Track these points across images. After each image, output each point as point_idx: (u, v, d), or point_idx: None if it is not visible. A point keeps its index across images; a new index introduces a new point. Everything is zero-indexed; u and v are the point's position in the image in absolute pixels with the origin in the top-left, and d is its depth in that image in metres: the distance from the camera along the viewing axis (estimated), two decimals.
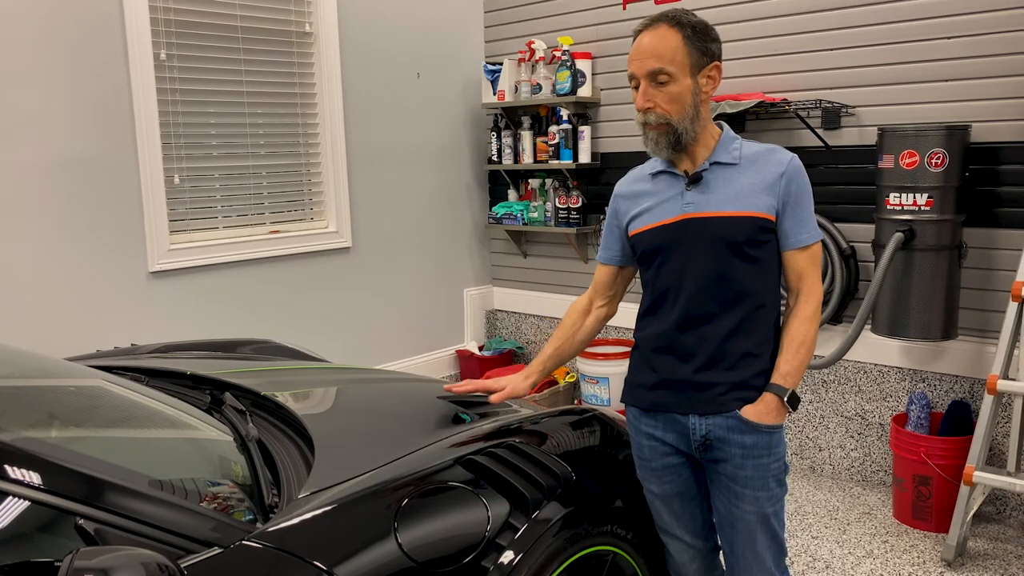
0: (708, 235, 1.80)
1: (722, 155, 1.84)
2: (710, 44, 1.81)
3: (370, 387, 2.44)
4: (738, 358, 1.82)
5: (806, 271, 1.84)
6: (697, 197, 1.82)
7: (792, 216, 1.82)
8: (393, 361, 4.66)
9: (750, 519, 1.84)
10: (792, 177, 1.81)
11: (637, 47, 1.81)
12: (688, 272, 1.83)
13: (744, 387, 1.83)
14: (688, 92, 1.78)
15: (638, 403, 1.95)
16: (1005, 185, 3.27)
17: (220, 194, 3.93)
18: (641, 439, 1.95)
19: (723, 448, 1.84)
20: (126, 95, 3.51)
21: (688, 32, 1.78)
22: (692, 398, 1.84)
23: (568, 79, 4.37)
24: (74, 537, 1.26)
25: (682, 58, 1.77)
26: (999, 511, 3.38)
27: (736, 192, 1.81)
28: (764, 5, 3.83)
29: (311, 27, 4.17)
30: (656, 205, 1.87)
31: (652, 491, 1.97)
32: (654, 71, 1.77)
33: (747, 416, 1.81)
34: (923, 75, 3.42)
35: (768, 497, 1.84)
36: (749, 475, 1.83)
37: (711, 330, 1.82)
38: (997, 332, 3.15)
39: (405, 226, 4.70)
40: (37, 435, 1.50)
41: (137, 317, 3.60)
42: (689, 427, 1.86)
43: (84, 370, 2.02)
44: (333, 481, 1.62)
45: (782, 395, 1.81)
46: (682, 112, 1.78)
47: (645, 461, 1.96)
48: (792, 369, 1.82)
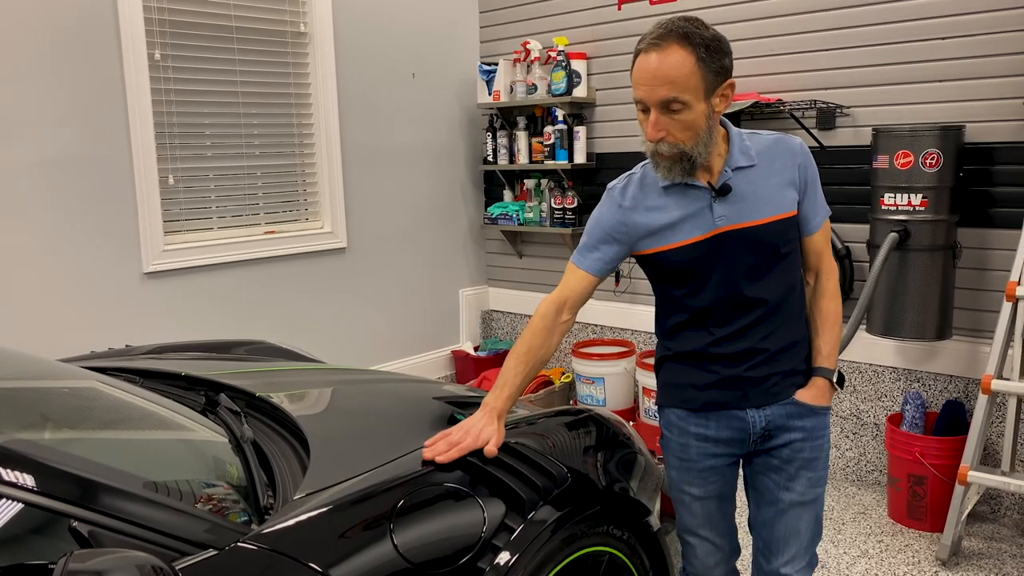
0: (748, 245, 1.75)
1: (740, 159, 1.76)
2: (724, 60, 1.68)
3: (365, 388, 2.44)
4: (786, 349, 1.84)
5: (823, 249, 1.88)
6: (728, 209, 1.74)
7: (810, 200, 1.82)
8: (388, 362, 4.65)
9: (802, 500, 1.86)
10: (807, 164, 1.81)
11: (644, 70, 1.65)
12: (730, 284, 1.77)
13: (794, 373, 1.86)
14: (703, 117, 1.66)
15: (689, 404, 1.88)
16: (999, 185, 3.28)
17: (215, 194, 3.92)
18: (689, 440, 1.89)
19: (783, 435, 1.85)
20: (120, 95, 3.50)
21: (702, 52, 1.63)
22: (748, 393, 1.83)
23: (563, 79, 4.37)
24: (68, 539, 1.26)
25: (696, 83, 1.63)
26: (993, 510, 3.39)
27: (766, 196, 1.76)
28: (760, 5, 3.83)
29: (306, 27, 4.17)
30: (681, 221, 1.76)
31: (692, 493, 1.92)
32: (667, 100, 1.64)
33: (804, 400, 1.84)
34: (918, 76, 3.43)
35: (819, 478, 1.88)
36: (808, 456, 1.85)
37: (759, 332, 1.80)
38: (991, 332, 3.16)
39: (400, 227, 4.70)
40: (31, 437, 1.49)
41: (131, 318, 3.59)
42: (749, 421, 1.84)
43: (78, 371, 2.02)
44: (329, 482, 1.62)
45: (830, 377, 1.86)
46: (696, 139, 1.68)
47: (690, 463, 1.90)
48: (832, 349, 1.87)
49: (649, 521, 1.99)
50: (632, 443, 2.17)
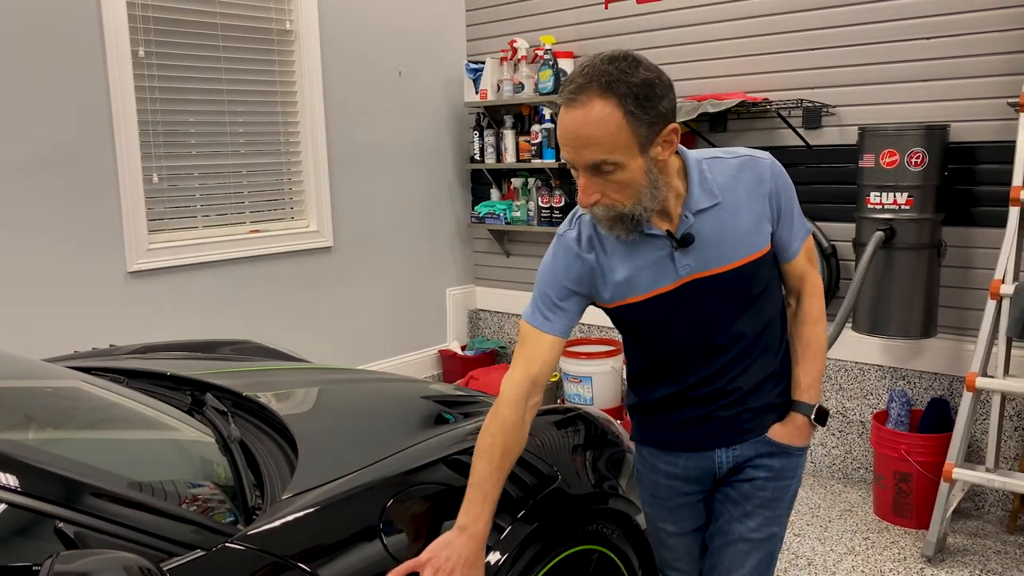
0: (716, 292, 1.59)
1: (700, 199, 1.55)
2: (659, 105, 1.43)
3: (353, 387, 2.43)
4: (761, 385, 1.69)
5: (805, 270, 1.71)
6: (691, 257, 1.56)
7: (785, 227, 1.64)
8: (375, 361, 4.64)
9: (753, 538, 1.71)
10: (779, 190, 1.61)
11: (566, 129, 1.43)
12: (699, 333, 1.63)
13: (768, 408, 1.71)
14: (641, 173, 1.45)
15: (656, 442, 1.77)
16: (983, 184, 3.31)
17: (199, 193, 3.89)
18: (658, 478, 1.79)
19: (748, 471, 1.72)
20: (104, 92, 3.46)
21: (629, 104, 1.40)
22: (717, 433, 1.70)
23: (550, 78, 4.36)
24: (54, 541, 1.24)
25: (626, 139, 1.41)
26: (978, 507, 3.42)
27: (733, 238, 1.57)
28: (745, 5, 3.84)
29: (291, 25, 4.14)
30: (639, 271, 1.58)
31: (667, 530, 1.83)
32: (594, 163, 1.44)
33: (776, 438, 1.70)
34: (903, 75, 3.45)
35: (777, 518, 1.73)
36: (769, 496, 1.71)
37: (731, 373, 1.66)
38: (976, 330, 3.18)
39: (387, 226, 4.68)
40: (14, 437, 1.47)
41: (116, 317, 3.56)
42: (715, 460, 1.72)
43: (62, 371, 2.00)
44: (317, 482, 1.61)
45: (809, 413, 1.71)
46: (636, 196, 1.47)
47: (660, 500, 1.81)
48: (812, 381, 1.70)
49: (638, 519, 1.99)
50: (621, 441, 2.17)
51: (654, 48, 4.16)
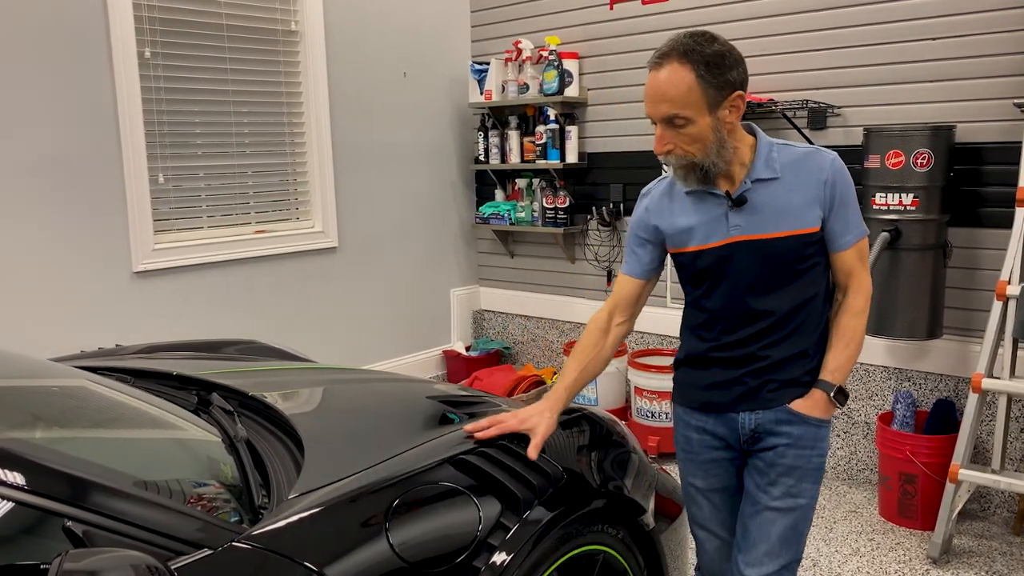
0: (758, 257, 1.77)
1: (762, 170, 1.77)
2: (728, 74, 1.69)
3: (359, 387, 2.43)
4: (791, 360, 1.83)
5: (854, 268, 1.83)
6: (743, 219, 1.77)
7: (838, 218, 1.79)
8: (380, 361, 4.64)
9: (777, 506, 1.84)
10: (835, 181, 1.77)
11: (648, 88, 1.72)
12: (739, 292, 1.81)
13: (795, 384, 1.84)
14: (709, 130, 1.70)
15: (690, 402, 1.95)
16: (989, 185, 3.30)
17: (205, 193, 3.90)
18: (690, 433, 1.96)
19: (770, 439, 1.86)
20: (110, 93, 3.47)
21: (701, 69, 1.66)
22: (743, 397, 1.85)
23: (555, 79, 4.37)
24: (62, 539, 1.24)
25: (697, 98, 1.67)
26: (983, 508, 3.41)
27: (782, 210, 1.76)
28: (751, 6, 3.84)
29: (297, 26, 4.15)
30: (698, 226, 1.81)
31: (696, 485, 1.98)
32: (668, 116, 1.69)
33: (797, 409, 1.83)
34: (908, 76, 3.44)
35: (800, 490, 1.84)
36: (789, 464, 1.84)
37: (765, 340, 1.82)
38: (982, 331, 3.18)
39: (391, 226, 4.68)
40: (22, 436, 1.47)
41: (121, 317, 3.56)
42: (739, 422, 1.87)
43: (69, 370, 2.00)
44: (323, 482, 1.61)
45: (829, 391, 1.83)
46: (705, 149, 1.71)
47: (692, 455, 1.96)
48: (839, 365, 1.83)
49: (644, 520, 1.99)
50: (626, 442, 2.17)
51: None
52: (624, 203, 4.41)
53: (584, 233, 4.62)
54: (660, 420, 4.01)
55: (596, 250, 4.57)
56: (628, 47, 4.30)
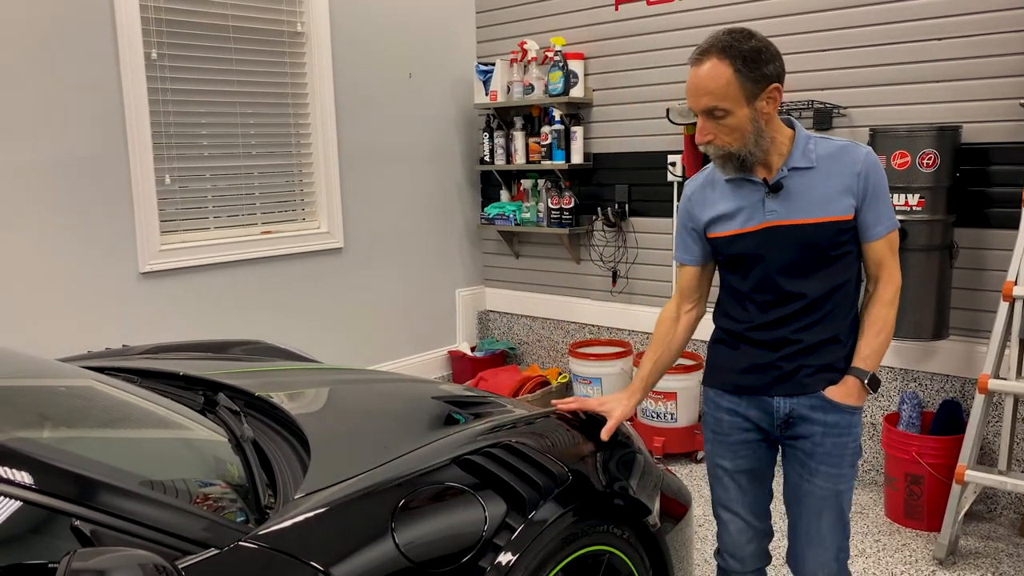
0: (792, 241, 1.86)
1: (799, 160, 1.85)
2: (765, 68, 1.78)
3: (364, 388, 2.43)
4: (823, 344, 1.90)
5: (885, 258, 1.91)
6: (778, 205, 1.86)
7: (870, 209, 1.86)
8: (385, 362, 4.65)
9: (821, 494, 1.93)
10: (869, 173, 1.85)
11: (689, 82, 1.82)
12: (774, 276, 1.89)
13: (829, 369, 1.91)
14: (747, 121, 1.79)
15: (723, 384, 2.01)
16: (995, 186, 3.29)
17: (211, 194, 3.91)
18: (721, 414, 2.02)
19: (804, 426, 1.93)
20: (117, 95, 3.49)
21: (739, 64, 1.76)
22: (779, 381, 1.92)
23: (560, 80, 4.37)
24: (70, 538, 1.25)
25: (735, 91, 1.77)
26: (990, 509, 3.40)
27: (817, 198, 1.84)
28: (755, 6, 3.84)
29: (303, 27, 4.16)
30: (736, 211, 1.90)
31: (724, 466, 2.04)
32: (708, 108, 1.79)
33: (831, 396, 1.90)
34: (914, 76, 3.44)
35: (841, 475, 1.93)
36: (827, 451, 1.92)
37: (798, 324, 1.90)
38: (988, 332, 3.17)
39: (397, 227, 4.69)
40: (30, 435, 1.48)
41: (128, 318, 3.58)
42: (774, 407, 1.94)
43: (76, 371, 2.01)
44: (329, 482, 1.62)
45: (863, 378, 1.90)
46: (743, 140, 1.81)
47: (722, 436, 2.03)
48: (872, 352, 1.90)
49: (649, 520, 1.99)
50: (631, 442, 2.17)
51: (664, 49, 4.17)
52: (629, 204, 4.41)
53: (589, 234, 4.62)
54: (666, 421, 4.00)
55: (601, 251, 4.57)
56: (633, 48, 4.30)
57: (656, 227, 4.34)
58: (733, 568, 2.09)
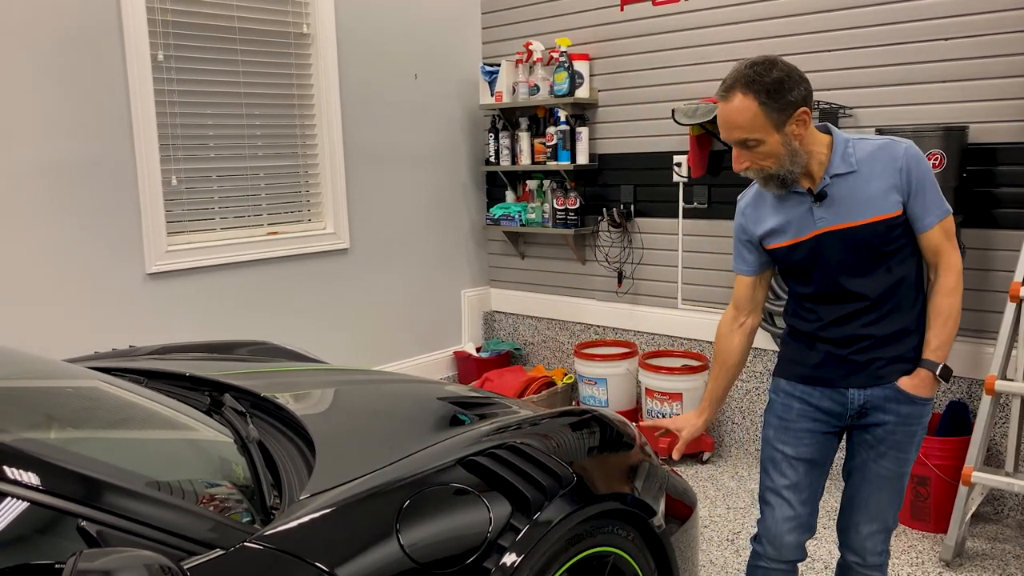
0: (845, 244, 1.92)
1: (839, 166, 1.91)
2: (789, 96, 1.84)
3: (370, 388, 2.44)
4: (894, 336, 1.97)
5: (941, 245, 1.95)
6: (827, 212, 1.92)
7: (918, 202, 1.91)
8: (391, 362, 4.65)
9: (886, 474, 2.03)
10: (910, 168, 1.89)
11: (719, 117, 1.90)
12: (834, 279, 1.96)
13: (901, 360, 1.98)
14: (779, 146, 1.86)
15: (796, 377, 2.08)
16: (1002, 186, 3.28)
17: (218, 195, 3.92)
18: (792, 401, 2.08)
19: (878, 415, 2.00)
20: (123, 96, 3.50)
21: (763, 97, 1.82)
22: (852, 373, 1.99)
23: (566, 80, 4.37)
24: (76, 539, 1.26)
25: (762, 123, 1.84)
26: (997, 511, 3.39)
27: (863, 199, 1.90)
28: (761, 7, 3.83)
29: (308, 28, 4.17)
30: (788, 223, 1.97)
31: (785, 452, 2.08)
32: (740, 140, 1.87)
33: (904, 388, 1.97)
34: (921, 76, 3.43)
35: (907, 459, 2.03)
36: (898, 439, 2.00)
37: (864, 321, 1.96)
38: (995, 333, 3.16)
39: (403, 228, 4.70)
40: (36, 436, 1.49)
41: (135, 319, 3.59)
42: (848, 398, 2.01)
43: (82, 371, 2.02)
44: (335, 482, 1.62)
45: (934, 369, 1.96)
46: (779, 162, 1.88)
47: (790, 422, 2.08)
48: (941, 343, 1.96)
49: (654, 521, 1.99)
50: (636, 443, 2.17)
51: (670, 49, 4.16)
52: (635, 204, 4.41)
53: (595, 234, 4.62)
54: None
55: (607, 251, 4.57)
56: (639, 48, 4.30)
57: (662, 227, 4.34)
58: (769, 555, 2.12)
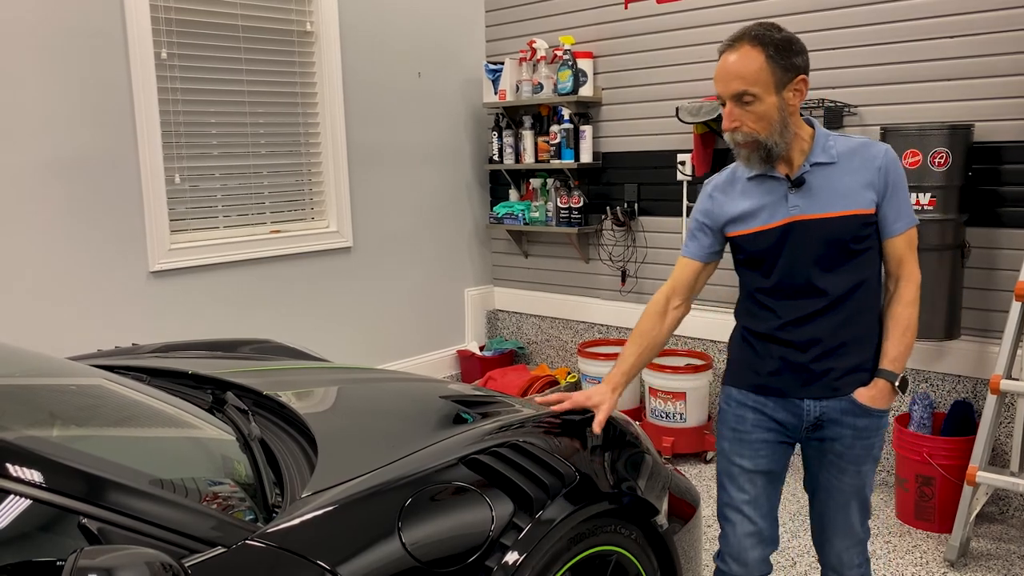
0: (817, 236, 1.87)
1: (820, 155, 1.88)
2: (794, 59, 1.83)
3: (372, 387, 2.43)
4: (851, 344, 1.92)
5: (905, 256, 1.92)
6: (801, 200, 1.87)
7: (890, 205, 1.88)
8: (394, 361, 4.65)
9: (848, 490, 1.99)
10: (889, 168, 1.87)
11: (721, 68, 1.84)
12: (799, 271, 1.90)
13: (858, 370, 1.93)
14: (774, 109, 1.82)
15: (748, 386, 2.01)
16: (1008, 185, 3.27)
17: (221, 193, 3.92)
18: (745, 412, 2.01)
19: (834, 428, 1.95)
20: (127, 94, 3.50)
21: (771, 51, 1.80)
22: (808, 384, 1.93)
23: (569, 78, 4.36)
24: (77, 536, 1.25)
25: (766, 77, 1.80)
26: (1002, 511, 3.38)
27: (839, 192, 1.86)
28: (765, 4, 3.82)
29: (312, 26, 4.17)
30: (759, 208, 1.91)
31: (742, 465, 2.02)
32: (738, 93, 1.81)
33: (861, 400, 1.92)
34: (926, 74, 3.41)
35: (867, 471, 1.98)
36: (857, 454, 1.95)
37: (825, 322, 1.90)
38: (1000, 332, 3.15)
39: (406, 226, 4.69)
40: (39, 434, 1.49)
41: (138, 317, 3.59)
42: (804, 409, 1.95)
43: (86, 369, 2.02)
44: (336, 481, 1.62)
45: (893, 380, 1.91)
46: (770, 128, 1.83)
47: (744, 434, 2.02)
48: (900, 354, 1.92)
49: (657, 520, 1.99)
50: (639, 442, 2.17)
51: (674, 48, 4.16)
52: (639, 203, 4.40)
53: (598, 233, 4.61)
54: (675, 421, 3.99)
55: (610, 250, 4.56)
56: (643, 46, 4.29)
57: (665, 226, 4.33)
58: (735, 572, 2.05)
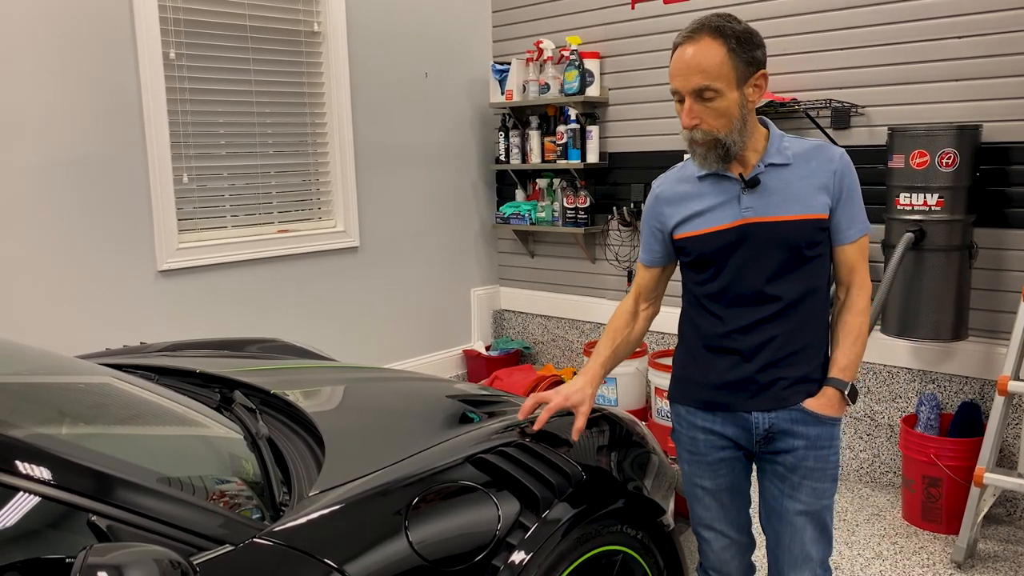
0: (770, 239, 1.78)
1: (775, 156, 1.80)
2: (755, 52, 1.74)
3: (379, 386, 2.44)
4: (799, 353, 1.83)
5: (856, 264, 1.86)
6: (755, 201, 1.79)
7: (844, 211, 1.82)
8: (400, 360, 4.66)
9: (803, 510, 1.87)
10: (844, 172, 1.81)
11: (679, 61, 1.74)
12: (748, 275, 1.81)
13: (806, 380, 1.85)
14: (735, 105, 1.73)
15: (695, 402, 1.92)
16: (1016, 185, 3.26)
17: (228, 193, 3.94)
18: (696, 434, 1.94)
19: (786, 440, 1.85)
20: (135, 94, 3.51)
21: (732, 43, 1.71)
22: (756, 396, 1.84)
23: (576, 79, 4.36)
24: (86, 534, 1.26)
25: (728, 72, 1.71)
26: (1009, 513, 3.37)
27: (794, 194, 1.78)
28: (772, 5, 3.82)
29: (319, 27, 4.18)
30: (708, 209, 1.82)
31: (703, 486, 1.96)
32: (699, 88, 1.71)
33: (810, 408, 1.83)
34: (933, 75, 3.41)
35: (824, 489, 1.87)
36: (811, 466, 1.85)
37: (773, 329, 1.82)
38: (1008, 333, 3.14)
39: (413, 226, 4.70)
40: (48, 431, 1.50)
41: (146, 316, 3.60)
42: (752, 423, 1.86)
43: (94, 368, 2.03)
44: (344, 479, 1.62)
45: (842, 388, 1.84)
46: (730, 126, 1.74)
47: (699, 456, 1.95)
48: (850, 362, 1.84)
49: (663, 520, 1.99)
50: (646, 442, 2.17)
51: None
52: (645, 203, 4.39)
53: (605, 233, 4.61)
54: None
55: (617, 250, 4.56)
56: (649, 47, 4.28)
57: None
58: None
